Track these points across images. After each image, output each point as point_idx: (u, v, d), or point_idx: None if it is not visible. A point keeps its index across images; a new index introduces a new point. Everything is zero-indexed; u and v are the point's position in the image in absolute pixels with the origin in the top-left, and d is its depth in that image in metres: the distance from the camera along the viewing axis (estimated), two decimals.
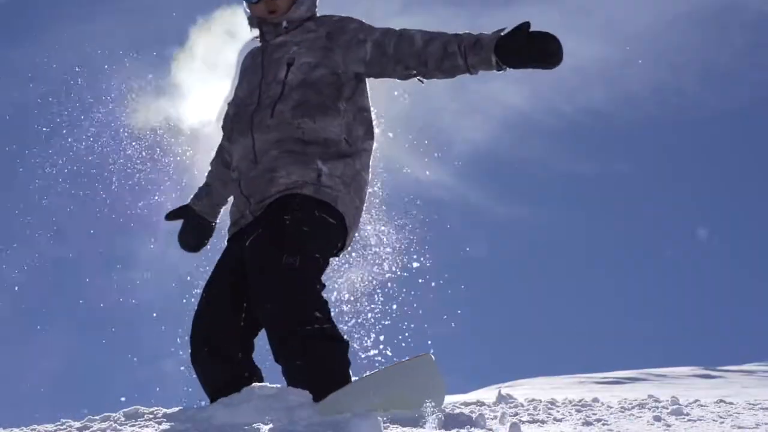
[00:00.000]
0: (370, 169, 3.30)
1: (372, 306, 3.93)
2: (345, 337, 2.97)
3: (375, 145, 3.33)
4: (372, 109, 3.34)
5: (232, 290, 3.13)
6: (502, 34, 3.01)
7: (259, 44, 3.39)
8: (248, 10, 3.35)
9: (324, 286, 3.08)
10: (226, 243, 3.36)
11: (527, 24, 2.99)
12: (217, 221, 3.59)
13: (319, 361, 2.86)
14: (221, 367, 3.10)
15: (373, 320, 3.88)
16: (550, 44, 2.95)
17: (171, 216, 3.56)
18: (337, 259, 3.32)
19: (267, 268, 2.97)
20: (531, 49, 2.96)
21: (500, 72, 3.06)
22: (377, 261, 4.03)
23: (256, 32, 3.38)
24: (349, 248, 3.31)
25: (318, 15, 3.36)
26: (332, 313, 3.00)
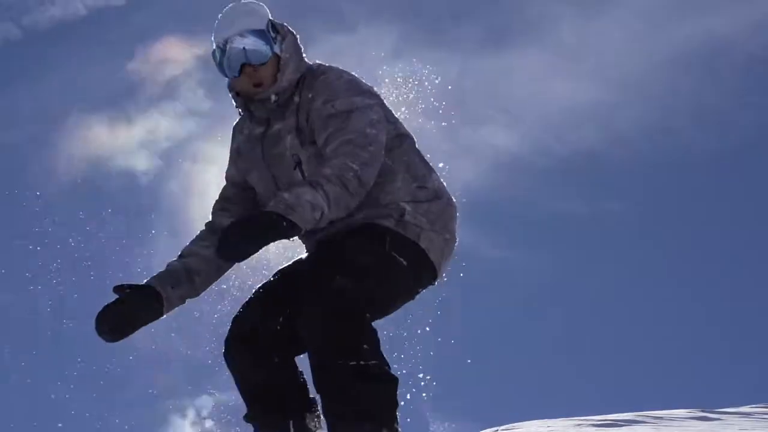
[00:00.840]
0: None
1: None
2: (394, 374, 2.71)
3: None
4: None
5: (281, 293, 2.90)
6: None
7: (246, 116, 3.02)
8: (231, 86, 2.97)
9: (375, 317, 2.80)
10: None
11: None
12: (168, 309, 2.96)
13: (360, 405, 2.62)
14: (254, 364, 2.87)
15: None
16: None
17: (118, 289, 2.91)
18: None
19: (317, 287, 2.71)
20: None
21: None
22: None
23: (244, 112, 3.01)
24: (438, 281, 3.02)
25: (306, 70, 2.97)
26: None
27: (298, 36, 3.00)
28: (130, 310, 2.88)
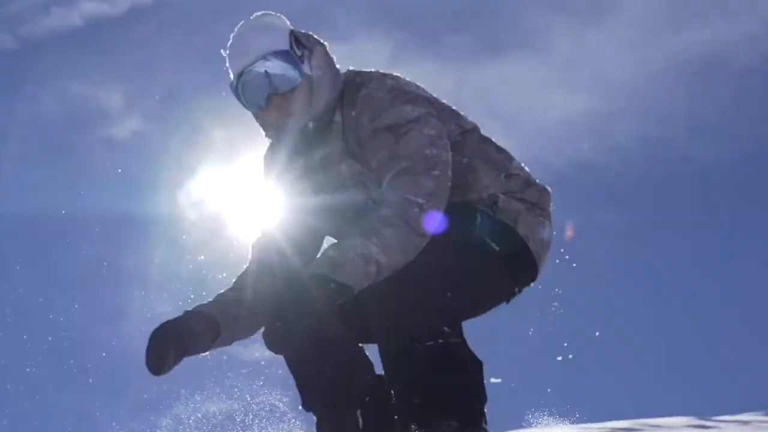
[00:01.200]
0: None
1: None
2: (479, 358, 2.31)
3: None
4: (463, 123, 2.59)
5: None
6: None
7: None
8: (259, 119, 2.54)
9: (461, 311, 2.40)
10: None
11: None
12: (216, 347, 2.56)
13: (442, 394, 2.21)
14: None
15: None
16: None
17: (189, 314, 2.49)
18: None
19: None
20: None
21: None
22: None
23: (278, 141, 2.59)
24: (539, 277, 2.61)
25: (343, 84, 2.53)
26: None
27: (327, 44, 2.56)
28: (190, 332, 2.42)
